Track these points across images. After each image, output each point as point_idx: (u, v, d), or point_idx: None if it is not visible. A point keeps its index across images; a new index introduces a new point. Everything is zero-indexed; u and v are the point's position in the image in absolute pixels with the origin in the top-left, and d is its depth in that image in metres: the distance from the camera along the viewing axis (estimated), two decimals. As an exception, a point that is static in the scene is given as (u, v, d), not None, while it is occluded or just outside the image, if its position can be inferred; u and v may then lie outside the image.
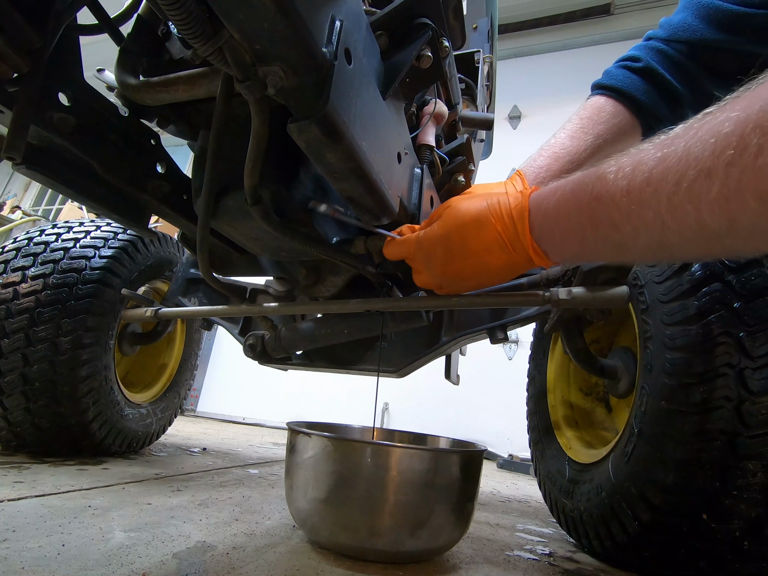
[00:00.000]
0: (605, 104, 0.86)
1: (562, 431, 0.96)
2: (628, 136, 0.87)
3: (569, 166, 0.85)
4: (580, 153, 0.85)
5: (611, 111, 0.85)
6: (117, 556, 0.51)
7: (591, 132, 0.85)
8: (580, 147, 0.85)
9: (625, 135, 0.87)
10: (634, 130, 0.87)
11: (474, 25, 1.35)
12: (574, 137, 0.86)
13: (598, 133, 0.85)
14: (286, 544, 0.64)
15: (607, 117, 0.85)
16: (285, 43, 0.39)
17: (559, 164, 0.85)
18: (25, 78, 0.52)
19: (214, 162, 0.60)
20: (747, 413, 0.54)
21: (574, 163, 0.85)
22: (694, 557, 0.59)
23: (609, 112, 0.85)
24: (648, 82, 0.84)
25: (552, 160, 0.86)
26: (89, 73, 0.62)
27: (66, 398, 1.01)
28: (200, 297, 1.21)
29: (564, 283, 0.78)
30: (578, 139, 0.85)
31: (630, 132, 0.87)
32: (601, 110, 0.86)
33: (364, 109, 0.49)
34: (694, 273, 0.61)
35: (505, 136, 3.08)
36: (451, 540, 0.64)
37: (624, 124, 0.85)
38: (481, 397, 2.76)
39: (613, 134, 0.85)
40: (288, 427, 0.68)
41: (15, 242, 1.13)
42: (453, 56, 0.88)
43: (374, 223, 0.64)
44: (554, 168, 0.86)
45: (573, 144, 0.85)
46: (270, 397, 3.31)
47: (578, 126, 0.87)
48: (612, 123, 0.85)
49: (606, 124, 0.85)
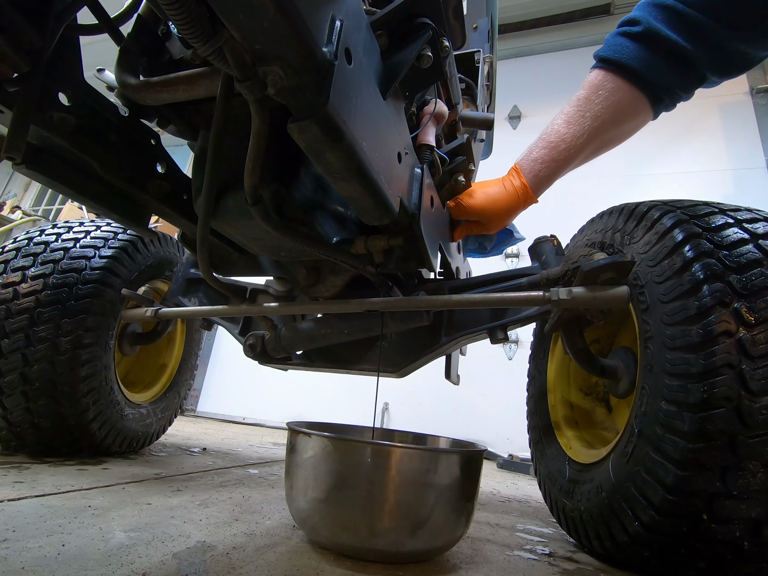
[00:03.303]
0: (604, 80, 0.81)
1: (563, 431, 0.96)
2: (632, 112, 0.81)
3: (565, 155, 0.82)
4: (576, 139, 0.81)
5: (610, 88, 0.80)
6: (117, 556, 0.51)
7: (588, 114, 0.81)
8: (576, 133, 0.81)
9: (628, 112, 0.81)
10: (638, 105, 0.81)
11: (474, 24, 1.35)
12: (571, 122, 0.82)
13: (596, 113, 0.80)
14: (286, 544, 0.64)
15: (605, 95, 0.80)
16: (285, 42, 0.39)
17: (555, 153, 0.83)
18: (25, 78, 0.52)
19: (214, 162, 0.60)
20: (747, 413, 0.54)
21: (571, 150, 0.82)
22: (694, 557, 0.59)
23: (608, 89, 0.80)
24: (649, 47, 0.77)
25: (547, 150, 0.84)
26: (89, 73, 0.62)
27: (66, 398, 1.01)
28: (200, 297, 1.21)
29: (564, 283, 0.78)
30: (574, 124, 0.81)
31: (634, 108, 0.81)
32: (599, 87, 0.80)
33: (364, 109, 0.49)
34: (694, 273, 0.61)
35: (505, 136, 3.08)
36: (451, 540, 0.64)
37: (626, 101, 0.80)
38: (481, 397, 2.76)
39: (613, 113, 0.80)
40: (288, 427, 0.68)
41: (15, 242, 1.12)
42: (453, 56, 0.88)
43: (374, 223, 0.64)
44: (548, 158, 0.83)
45: (569, 131, 0.82)
46: (270, 397, 3.31)
47: (575, 109, 0.82)
48: (611, 101, 0.79)
49: (604, 103, 0.80)
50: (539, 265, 0.89)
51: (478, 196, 0.88)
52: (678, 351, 0.61)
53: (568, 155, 0.83)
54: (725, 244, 0.62)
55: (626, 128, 0.86)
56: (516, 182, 0.87)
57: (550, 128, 0.85)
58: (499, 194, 0.87)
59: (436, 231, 0.81)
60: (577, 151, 0.83)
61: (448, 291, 0.94)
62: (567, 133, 0.82)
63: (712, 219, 0.66)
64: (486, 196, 0.88)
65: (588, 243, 0.90)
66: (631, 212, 0.78)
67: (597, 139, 0.83)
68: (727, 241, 0.63)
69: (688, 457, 0.56)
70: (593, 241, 0.88)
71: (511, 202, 0.87)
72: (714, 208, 0.69)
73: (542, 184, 0.87)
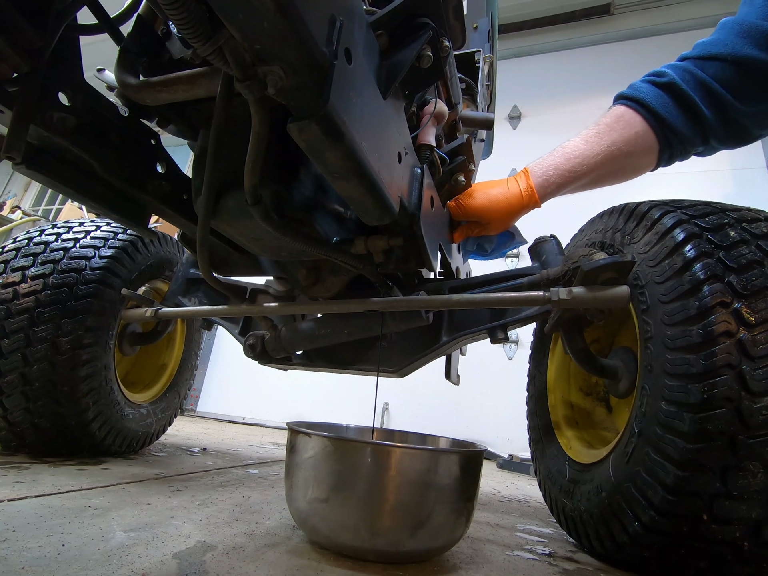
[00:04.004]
0: (624, 113, 0.86)
1: (563, 431, 0.96)
2: (643, 148, 0.86)
3: (579, 168, 0.85)
4: (592, 156, 0.84)
5: (629, 121, 0.85)
6: (117, 556, 0.51)
7: (606, 138, 0.85)
8: (594, 150, 0.84)
9: (640, 148, 0.86)
10: (650, 144, 0.86)
11: (474, 24, 1.35)
12: (589, 141, 0.86)
13: (614, 140, 0.85)
14: (286, 544, 0.64)
15: (624, 126, 0.85)
16: (285, 42, 0.39)
17: (570, 164, 0.85)
18: (25, 78, 0.52)
19: (214, 162, 0.60)
20: (747, 414, 0.54)
21: (584, 166, 0.85)
22: (694, 558, 0.59)
23: (626, 122, 0.85)
24: (670, 96, 0.83)
25: (563, 159, 0.86)
26: (89, 73, 0.62)
27: (66, 398, 1.01)
28: (200, 297, 1.21)
29: (564, 283, 0.78)
30: (592, 143, 0.85)
31: (646, 145, 0.86)
32: (619, 119, 0.86)
33: (364, 109, 0.49)
34: (695, 273, 0.61)
35: (505, 136, 3.08)
36: (451, 540, 0.64)
37: (640, 137, 0.85)
38: (481, 397, 2.76)
39: (628, 144, 0.85)
40: (288, 427, 0.68)
41: (15, 242, 1.12)
42: (453, 56, 0.88)
43: (374, 223, 0.64)
44: (564, 167, 0.85)
45: (586, 147, 0.85)
46: (270, 397, 3.31)
47: (594, 132, 0.86)
48: (628, 133, 0.85)
49: (621, 132, 0.85)
50: (539, 265, 0.89)
51: (478, 197, 0.88)
52: (678, 351, 0.60)
53: (580, 169, 0.85)
54: (726, 244, 0.62)
55: (633, 164, 0.89)
56: (522, 183, 0.87)
57: (567, 143, 0.88)
58: (500, 194, 0.87)
59: (436, 231, 0.81)
60: (588, 169, 0.86)
61: (448, 291, 0.94)
62: (584, 149, 0.86)
63: (713, 219, 0.66)
64: (487, 197, 0.87)
65: (588, 243, 0.90)
66: (632, 212, 0.78)
67: (608, 164, 0.86)
68: (727, 242, 0.63)
69: (688, 458, 0.56)
70: (593, 241, 0.88)
71: (513, 203, 0.86)
72: (714, 208, 0.69)
73: (550, 190, 0.87)
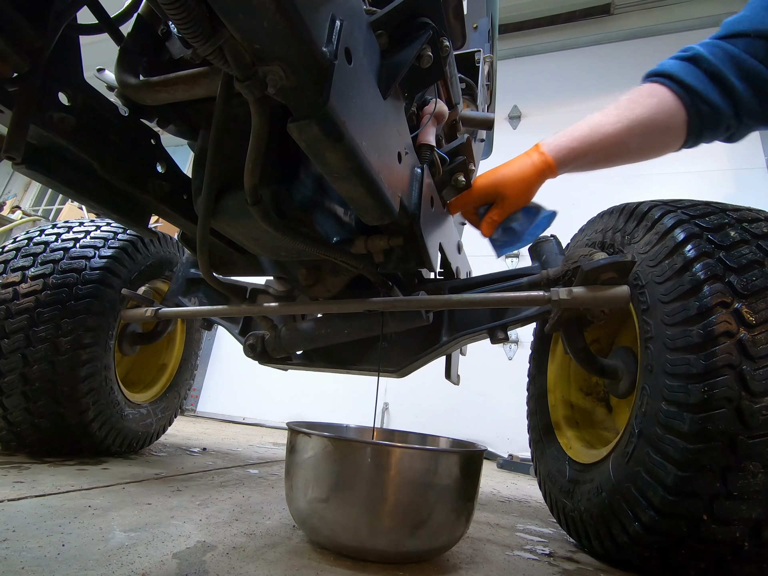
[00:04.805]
0: (645, 86, 0.83)
1: (563, 431, 0.96)
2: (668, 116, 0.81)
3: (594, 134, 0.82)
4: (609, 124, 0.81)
5: (651, 92, 0.82)
6: (117, 556, 0.51)
7: (625, 107, 0.82)
8: (610, 119, 0.82)
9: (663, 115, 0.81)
10: (674, 112, 0.81)
11: (474, 24, 1.35)
12: (607, 113, 0.83)
13: (632, 108, 0.81)
14: (286, 544, 0.64)
15: (646, 96, 0.82)
16: (285, 42, 0.39)
17: (583, 131, 0.83)
18: (25, 78, 0.52)
19: (214, 162, 0.60)
20: (748, 414, 0.54)
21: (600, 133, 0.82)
22: (694, 558, 0.59)
23: (648, 92, 0.82)
24: (696, 66, 0.80)
25: (575, 128, 0.84)
26: (89, 73, 0.62)
27: (66, 398, 1.01)
28: (200, 297, 1.21)
29: (564, 283, 0.78)
30: (609, 114, 0.83)
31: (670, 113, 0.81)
32: (641, 91, 0.83)
33: (365, 109, 0.49)
34: (695, 273, 0.61)
35: (505, 136, 3.07)
36: (451, 540, 0.64)
37: (664, 103, 0.81)
38: (481, 397, 2.76)
39: (648, 111, 0.81)
40: (288, 427, 0.68)
41: (15, 242, 1.12)
42: (453, 56, 0.88)
43: (374, 223, 0.64)
44: (576, 134, 0.83)
45: (603, 117, 0.83)
46: (270, 397, 3.31)
47: (613, 105, 0.84)
48: (649, 101, 0.81)
49: (642, 101, 0.81)
50: (539, 265, 0.89)
51: (486, 174, 0.85)
52: (678, 351, 0.60)
53: (595, 135, 0.81)
54: (726, 244, 0.62)
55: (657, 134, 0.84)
56: (534, 154, 0.83)
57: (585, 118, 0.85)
58: (509, 164, 0.84)
59: (436, 231, 0.81)
60: (605, 136, 0.81)
61: (448, 291, 0.94)
62: (600, 118, 0.82)
63: (713, 219, 0.66)
64: (493, 172, 0.84)
65: (588, 243, 0.90)
66: (632, 212, 0.78)
67: (628, 131, 0.81)
68: (727, 242, 0.63)
69: (689, 458, 0.56)
70: (594, 241, 0.88)
71: (525, 169, 0.82)
72: (715, 208, 0.69)
73: (563, 153, 0.82)
